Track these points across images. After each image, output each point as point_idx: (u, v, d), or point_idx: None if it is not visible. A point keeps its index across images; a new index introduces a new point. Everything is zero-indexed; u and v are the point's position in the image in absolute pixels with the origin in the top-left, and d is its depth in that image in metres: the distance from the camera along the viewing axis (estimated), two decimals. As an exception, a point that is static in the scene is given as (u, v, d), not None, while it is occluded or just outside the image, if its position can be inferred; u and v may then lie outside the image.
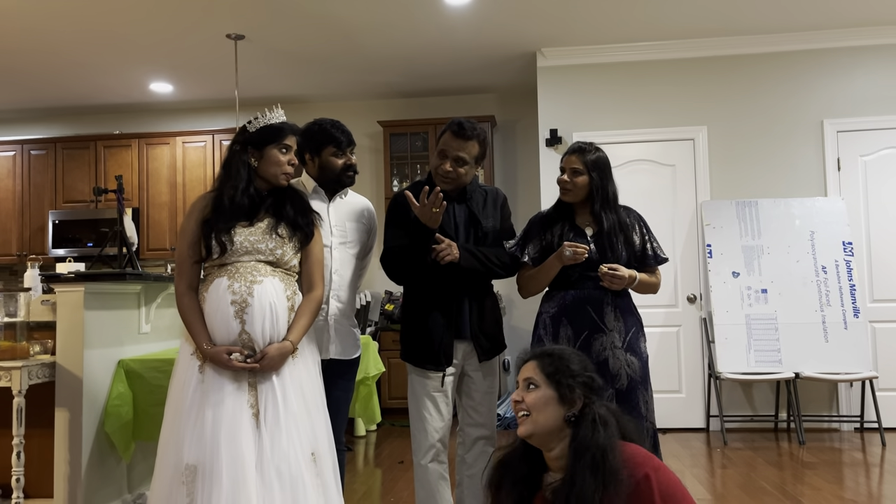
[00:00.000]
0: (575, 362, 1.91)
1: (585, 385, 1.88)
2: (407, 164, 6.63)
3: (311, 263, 2.50)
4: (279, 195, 2.48)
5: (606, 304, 2.69)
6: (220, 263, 2.37)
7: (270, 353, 2.29)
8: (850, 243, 5.31)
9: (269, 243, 2.39)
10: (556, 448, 1.86)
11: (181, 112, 7.17)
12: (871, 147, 5.54)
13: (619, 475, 1.71)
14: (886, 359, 5.39)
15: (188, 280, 2.40)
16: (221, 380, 2.28)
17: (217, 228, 2.35)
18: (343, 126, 2.80)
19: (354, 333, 2.84)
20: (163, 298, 3.81)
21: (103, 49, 5.49)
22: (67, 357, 3.25)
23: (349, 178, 2.79)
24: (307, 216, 2.49)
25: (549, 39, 5.59)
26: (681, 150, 5.73)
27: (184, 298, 2.39)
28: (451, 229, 2.72)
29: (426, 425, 2.71)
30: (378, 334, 6.23)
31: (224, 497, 2.16)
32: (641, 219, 2.86)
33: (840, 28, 5.49)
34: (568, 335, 2.70)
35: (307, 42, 5.46)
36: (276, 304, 2.34)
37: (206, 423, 2.23)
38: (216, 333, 2.32)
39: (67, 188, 6.86)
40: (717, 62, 5.71)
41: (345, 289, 2.76)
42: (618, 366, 2.64)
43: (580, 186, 2.74)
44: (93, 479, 3.29)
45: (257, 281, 2.33)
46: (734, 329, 5.20)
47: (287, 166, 2.44)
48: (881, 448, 4.82)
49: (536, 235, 2.83)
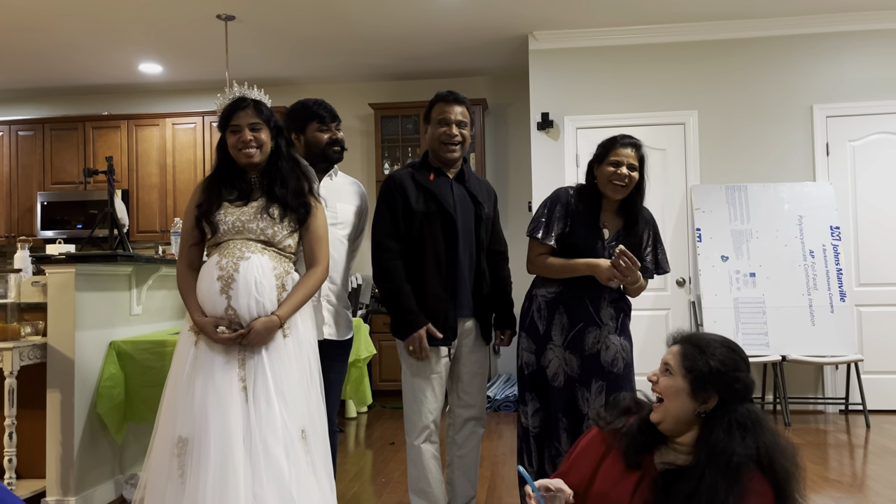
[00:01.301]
0: (719, 358, 1.77)
1: (725, 384, 1.75)
2: (398, 146, 6.62)
3: (312, 240, 2.50)
4: (272, 174, 2.48)
5: (604, 299, 2.69)
6: (215, 243, 2.42)
7: (256, 327, 2.30)
8: (837, 228, 5.36)
9: (260, 223, 2.40)
10: (684, 436, 1.80)
11: (171, 93, 7.11)
12: (859, 132, 5.58)
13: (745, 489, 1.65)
14: (871, 342, 5.46)
15: (188, 260, 2.48)
16: (213, 354, 2.31)
17: (204, 211, 2.42)
18: (326, 103, 2.80)
19: (347, 315, 2.85)
20: (154, 280, 3.80)
21: (92, 29, 5.44)
22: (59, 338, 3.25)
23: (335, 153, 2.78)
24: (301, 196, 2.48)
25: (541, 22, 5.58)
26: (672, 134, 5.75)
27: (181, 277, 2.47)
28: (451, 208, 2.74)
29: (421, 406, 2.73)
30: (369, 317, 6.25)
31: (212, 469, 2.18)
32: (655, 226, 2.80)
33: (830, 13, 5.50)
34: (563, 323, 2.70)
35: (298, 23, 5.42)
36: (262, 282, 2.33)
37: (196, 396, 2.26)
38: (206, 308, 2.36)
39: (56, 169, 6.82)
40: (708, 47, 5.72)
41: (338, 269, 2.77)
42: (614, 351, 2.66)
43: (634, 183, 2.68)
44: (85, 459, 3.31)
45: (245, 257, 2.34)
46: (723, 312, 5.25)
47: (240, 144, 2.42)
48: (865, 430, 4.90)
49: (562, 217, 2.73)
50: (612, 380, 2.64)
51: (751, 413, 1.74)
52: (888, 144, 5.54)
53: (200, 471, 2.19)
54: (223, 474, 2.18)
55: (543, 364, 2.72)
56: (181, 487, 2.21)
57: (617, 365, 2.65)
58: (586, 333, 2.67)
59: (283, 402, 2.30)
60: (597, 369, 2.65)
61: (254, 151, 2.44)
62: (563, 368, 2.69)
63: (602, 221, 2.72)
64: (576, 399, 2.67)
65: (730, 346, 1.81)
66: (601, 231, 2.71)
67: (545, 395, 2.72)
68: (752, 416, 1.74)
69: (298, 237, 2.49)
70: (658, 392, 1.82)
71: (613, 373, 2.64)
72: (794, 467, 1.70)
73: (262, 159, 2.47)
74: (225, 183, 2.46)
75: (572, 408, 2.67)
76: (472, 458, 2.90)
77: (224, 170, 2.49)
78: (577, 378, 2.67)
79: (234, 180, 2.46)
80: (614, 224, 2.73)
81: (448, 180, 2.81)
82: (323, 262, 2.50)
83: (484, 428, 2.94)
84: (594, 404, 2.62)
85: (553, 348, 2.71)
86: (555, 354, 2.70)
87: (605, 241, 2.69)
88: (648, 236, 2.76)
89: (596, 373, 2.66)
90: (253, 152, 2.43)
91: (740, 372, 1.77)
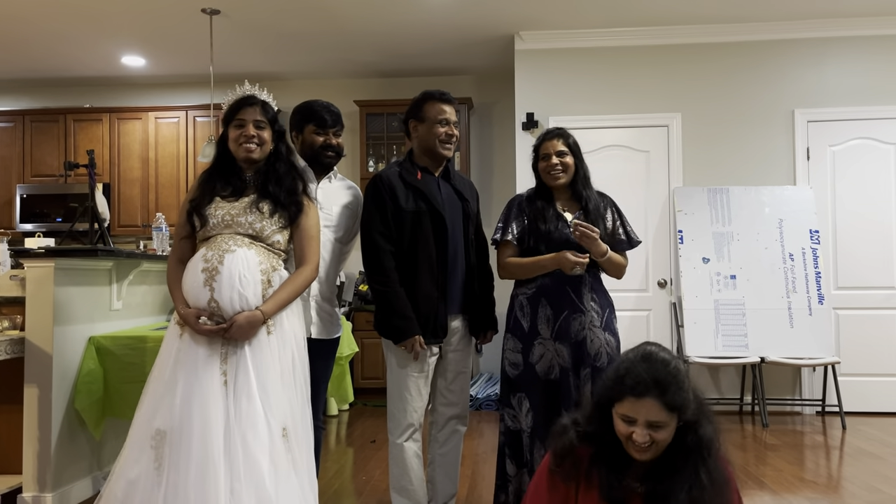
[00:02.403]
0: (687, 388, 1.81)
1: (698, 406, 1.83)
2: (383, 144, 6.61)
3: (302, 238, 2.50)
4: (268, 172, 2.49)
5: (584, 285, 2.75)
6: (203, 236, 2.43)
7: (239, 321, 2.29)
8: (816, 231, 5.42)
9: (249, 217, 2.41)
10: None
11: (154, 87, 7.05)
12: (839, 137, 5.64)
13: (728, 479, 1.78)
14: (848, 345, 5.53)
15: (179, 254, 2.49)
16: (196, 347, 2.30)
17: (195, 205, 2.43)
18: (332, 107, 2.81)
19: (335, 314, 2.86)
20: (135, 275, 3.77)
21: (75, 20, 5.38)
22: (37, 333, 3.22)
23: (327, 157, 2.79)
24: (294, 195, 2.48)
25: (528, 23, 5.59)
26: (655, 136, 5.78)
27: (170, 270, 2.49)
28: (441, 206, 2.75)
29: (406, 405, 2.74)
30: (352, 314, 6.24)
31: (193, 464, 2.17)
32: (614, 203, 2.93)
33: (813, 19, 5.56)
34: (547, 315, 2.74)
35: (284, 18, 5.39)
36: (245, 275, 2.33)
37: (178, 389, 2.26)
38: (189, 300, 2.36)
39: (36, 162, 6.74)
40: (692, 50, 5.76)
41: (325, 270, 2.77)
42: (598, 344, 2.71)
43: (570, 167, 2.82)
44: (62, 455, 3.27)
45: (230, 250, 2.34)
46: (703, 314, 5.30)
47: (242, 138, 2.44)
48: (841, 431, 4.96)
49: (518, 216, 2.88)
50: (595, 371, 2.68)
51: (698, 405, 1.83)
52: (868, 150, 5.61)
53: (180, 464, 2.18)
54: (203, 469, 2.17)
55: (532, 361, 2.74)
56: (157, 479, 2.21)
57: (601, 359, 2.70)
58: (571, 320, 2.72)
59: (264, 399, 2.30)
60: (584, 356, 2.70)
61: (254, 147, 2.46)
62: (556, 361, 2.72)
63: (561, 208, 2.84)
64: (569, 387, 2.70)
65: (675, 364, 1.84)
66: (563, 215, 2.81)
67: (539, 392, 2.73)
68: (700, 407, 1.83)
69: (289, 235, 2.48)
70: (657, 445, 1.79)
71: (596, 366, 2.69)
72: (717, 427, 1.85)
73: (260, 157, 2.48)
74: (220, 178, 2.48)
75: (567, 398, 2.70)
76: (453, 457, 2.91)
77: (221, 165, 2.51)
78: (570, 367, 2.71)
79: (229, 176, 2.48)
80: (573, 208, 2.85)
81: (435, 178, 2.82)
82: (313, 262, 2.50)
83: (466, 426, 2.95)
84: (584, 391, 2.66)
85: (542, 342, 2.74)
86: (545, 348, 2.73)
87: (569, 223, 2.78)
88: (613, 213, 2.89)
89: (583, 360, 2.71)
90: (253, 148, 2.46)
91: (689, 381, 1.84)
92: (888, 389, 5.50)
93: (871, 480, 3.77)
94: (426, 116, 2.79)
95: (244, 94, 2.52)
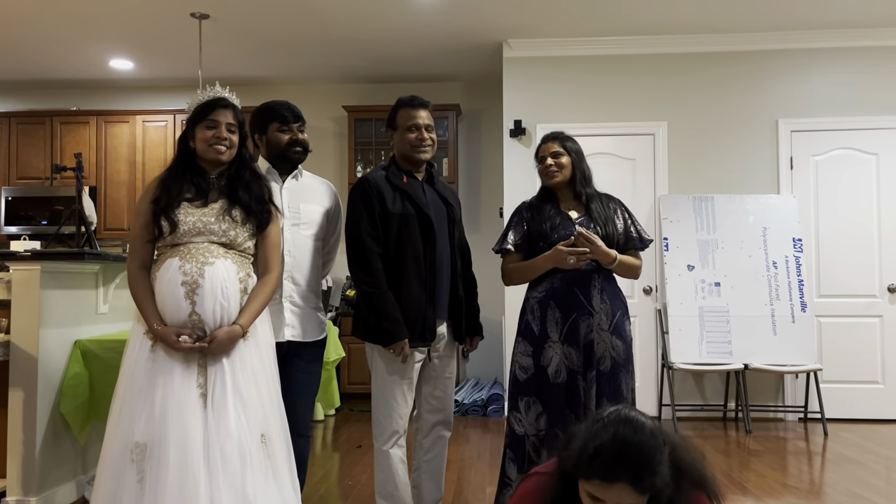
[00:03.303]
0: (661, 463, 1.61)
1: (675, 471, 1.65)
2: (371, 149, 6.62)
3: (266, 247, 2.51)
4: (235, 178, 2.48)
5: (594, 287, 2.75)
6: (172, 244, 2.38)
7: (219, 337, 2.29)
8: (799, 240, 5.48)
9: (222, 224, 2.39)
10: None
11: (142, 90, 7.03)
12: (822, 147, 5.72)
13: None
14: (830, 352, 5.59)
15: (140, 259, 2.42)
16: (172, 360, 2.28)
17: (162, 206, 2.37)
18: (290, 104, 2.80)
19: (317, 316, 2.83)
20: (121, 279, 3.76)
21: (62, 22, 5.36)
22: (22, 336, 3.20)
23: (296, 153, 2.78)
24: (263, 203, 2.49)
25: (516, 30, 5.63)
26: (641, 144, 5.83)
27: (135, 278, 2.40)
28: (427, 208, 2.76)
29: (391, 412, 2.74)
30: (339, 319, 6.24)
31: (171, 475, 2.16)
32: (622, 203, 2.96)
33: (797, 30, 5.63)
34: (556, 318, 2.75)
35: (273, 23, 5.40)
36: (227, 286, 2.34)
37: (156, 402, 2.24)
38: (166, 314, 2.32)
39: (21, 164, 6.70)
40: (678, 59, 5.82)
41: (301, 270, 2.75)
42: (602, 348, 2.72)
43: (567, 167, 2.86)
44: (47, 459, 3.26)
45: (209, 262, 2.33)
46: (688, 321, 5.34)
47: (214, 139, 2.43)
48: (823, 438, 5.01)
49: (519, 223, 2.91)
50: (600, 375, 2.71)
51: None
52: (850, 160, 5.69)
53: (160, 477, 2.17)
54: (183, 481, 2.16)
55: (543, 364, 2.74)
56: (140, 493, 2.19)
57: (604, 363, 2.71)
58: (580, 323, 2.72)
59: (241, 407, 2.29)
60: (591, 359, 2.71)
61: (225, 150, 2.45)
62: (564, 363, 2.72)
63: (566, 209, 2.88)
64: (577, 390, 2.71)
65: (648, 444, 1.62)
66: (568, 215, 2.85)
67: (549, 396, 2.73)
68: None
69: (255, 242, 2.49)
70: None
71: (600, 369, 2.71)
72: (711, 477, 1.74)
73: (228, 160, 2.47)
74: (184, 179, 2.44)
75: (577, 401, 2.70)
76: (438, 462, 2.92)
77: (183, 165, 2.47)
78: (579, 370, 2.71)
79: (193, 177, 2.44)
80: (578, 208, 2.88)
81: (419, 183, 2.84)
82: (276, 269, 2.52)
83: (451, 432, 2.96)
84: (590, 394, 2.69)
85: (552, 345, 2.74)
86: (554, 351, 2.74)
87: (574, 221, 2.82)
88: (623, 213, 2.92)
89: (590, 363, 2.71)
90: (224, 150, 2.45)
91: (663, 457, 1.64)
92: (869, 396, 5.57)
93: (852, 486, 3.81)
94: (398, 124, 2.83)
95: (217, 96, 2.49)
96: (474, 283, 3.00)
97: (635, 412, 1.69)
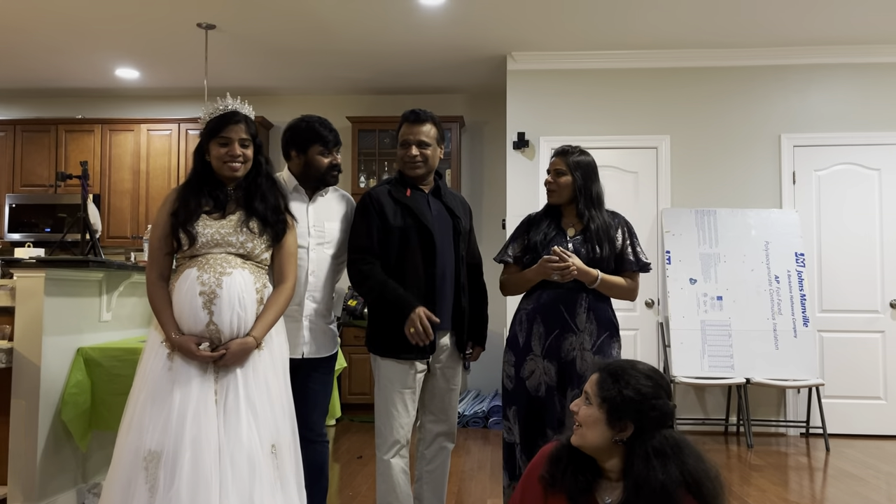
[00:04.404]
0: (634, 387, 1.79)
1: (639, 413, 1.77)
2: (374, 160, 6.65)
3: (282, 256, 2.52)
4: (252, 190, 2.50)
5: (580, 305, 2.73)
6: (190, 255, 2.41)
7: (232, 349, 2.31)
8: (802, 254, 5.49)
9: (240, 236, 2.41)
10: (609, 461, 1.83)
11: (147, 99, 7.07)
12: (825, 162, 5.73)
13: None
14: (832, 367, 5.59)
15: (159, 270, 2.45)
16: (189, 369, 2.30)
17: (181, 220, 2.39)
18: (331, 125, 2.82)
19: (331, 330, 2.86)
20: (125, 287, 3.77)
21: (70, 32, 5.40)
22: (25, 343, 3.21)
23: (333, 177, 2.82)
24: (279, 213, 2.51)
25: (520, 43, 5.67)
26: (644, 157, 5.85)
27: (154, 288, 2.43)
28: (429, 222, 2.77)
29: (393, 421, 2.74)
30: (340, 329, 6.24)
31: (184, 484, 2.17)
32: (626, 223, 2.90)
33: (800, 46, 5.66)
34: (540, 333, 2.74)
35: (279, 34, 5.44)
36: (244, 297, 2.36)
37: (173, 410, 2.24)
38: (184, 323, 2.34)
39: (26, 172, 6.72)
40: (682, 73, 5.85)
41: (320, 289, 2.78)
42: (584, 367, 2.69)
43: (563, 187, 2.83)
44: (48, 467, 3.26)
45: (226, 273, 2.35)
46: (689, 334, 5.34)
47: (228, 157, 2.44)
48: (825, 453, 5.00)
49: (520, 236, 2.92)
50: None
51: (669, 439, 1.76)
52: (852, 175, 5.71)
53: (174, 485, 2.17)
54: (195, 490, 2.17)
55: (522, 376, 2.75)
56: (150, 501, 2.19)
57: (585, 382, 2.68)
58: (563, 340, 2.71)
59: (253, 417, 2.31)
60: (573, 376, 2.69)
61: (239, 166, 2.46)
62: (543, 378, 2.72)
63: (566, 225, 2.85)
64: (555, 408, 2.69)
65: (646, 374, 1.83)
66: (565, 231, 2.83)
67: (525, 407, 2.74)
68: (670, 442, 1.75)
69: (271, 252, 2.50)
70: (578, 421, 1.85)
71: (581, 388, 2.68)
72: (719, 487, 1.75)
73: (243, 175, 2.49)
74: (202, 192, 2.46)
75: (555, 418, 2.69)
76: (440, 474, 2.92)
77: (200, 179, 2.49)
78: (556, 386, 2.70)
79: (211, 191, 2.47)
80: (578, 226, 2.85)
81: (424, 195, 2.85)
82: (291, 279, 2.53)
83: (454, 443, 2.96)
84: (570, 413, 2.65)
85: (533, 358, 2.74)
86: (536, 365, 2.73)
87: (569, 238, 2.80)
88: (623, 233, 2.87)
89: (571, 380, 2.69)
90: (239, 167, 2.46)
91: (656, 400, 1.78)
92: (871, 412, 5.56)
93: (853, 502, 3.80)
94: (398, 139, 2.85)
95: (228, 111, 2.48)
96: (484, 294, 3.00)
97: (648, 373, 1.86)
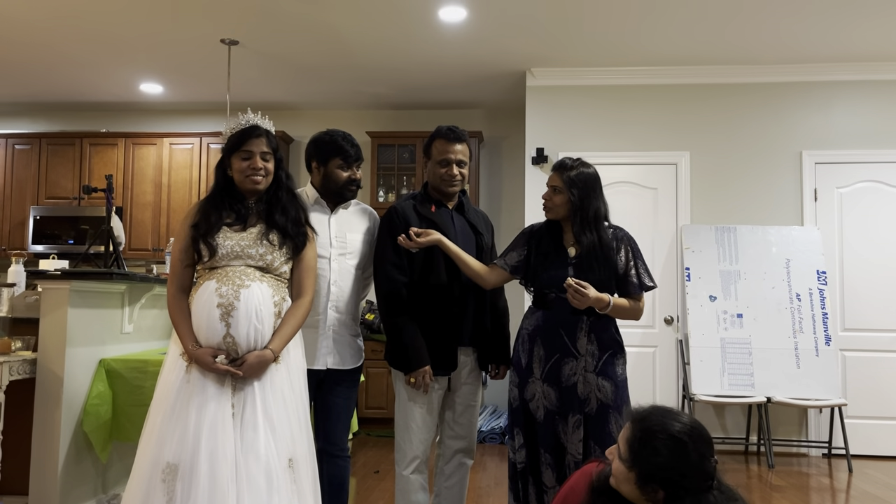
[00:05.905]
0: (664, 455, 1.71)
1: (670, 482, 1.70)
2: (394, 175, 6.68)
3: (301, 270, 2.53)
4: (272, 202, 2.52)
5: (580, 329, 2.64)
6: (210, 267, 2.42)
7: (249, 361, 2.32)
8: (823, 272, 5.43)
9: (260, 249, 2.43)
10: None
11: (169, 113, 7.16)
12: (847, 179, 5.69)
13: None
14: (855, 387, 5.51)
15: (179, 283, 2.47)
16: (206, 381, 2.31)
17: (202, 232, 2.42)
18: (354, 140, 2.84)
19: (357, 343, 2.87)
20: (147, 299, 3.81)
21: (96, 47, 5.49)
22: (49, 354, 3.25)
23: (351, 192, 2.84)
24: (299, 226, 2.52)
25: (539, 60, 5.69)
26: (663, 174, 5.84)
27: (174, 300, 2.45)
28: (454, 238, 2.78)
29: (412, 436, 2.74)
30: (357, 343, 6.24)
31: (202, 496, 2.17)
32: (631, 242, 2.75)
33: (821, 62, 5.64)
34: (540, 356, 2.68)
35: (301, 50, 5.50)
36: (261, 309, 2.37)
37: (190, 423, 2.26)
38: (201, 335, 2.36)
39: (50, 184, 6.82)
40: (701, 90, 5.84)
41: (344, 300, 2.79)
42: (587, 390, 2.62)
43: (558, 205, 2.71)
44: (68, 477, 3.28)
45: (245, 285, 2.36)
46: (709, 352, 5.29)
47: (249, 170, 2.47)
48: (848, 474, 4.92)
49: (519, 247, 2.83)
50: (587, 418, 2.61)
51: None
52: (874, 192, 5.65)
53: (191, 498, 2.18)
54: (212, 502, 2.17)
55: (526, 398, 2.70)
56: None
57: (589, 404, 2.61)
58: (562, 365, 2.64)
59: (270, 431, 2.31)
60: (574, 402, 2.61)
61: (261, 179, 2.49)
62: (542, 402, 2.65)
63: (567, 243, 2.74)
64: (557, 433, 2.63)
65: (679, 439, 1.72)
66: (566, 251, 2.72)
67: (529, 429, 2.70)
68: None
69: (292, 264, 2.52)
70: (612, 473, 1.81)
71: (585, 412, 2.61)
72: None
73: (265, 188, 2.52)
74: (224, 206, 2.49)
75: (555, 442, 2.63)
76: (459, 490, 2.90)
77: (223, 192, 2.52)
78: (557, 411, 2.63)
79: (233, 204, 2.49)
80: (578, 246, 2.73)
81: (449, 212, 2.86)
82: (310, 293, 2.54)
83: (472, 460, 2.95)
84: (572, 439, 2.59)
85: (534, 381, 2.68)
86: (536, 388, 2.67)
87: (570, 258, 2.69)
88: (628, 252, 2.73)
89: (572, 406, 2.61)
90: (260, 180, 2.49)
91: (689, 468, 1.71)
92: (895, 433, 5.47)
93: (877, 525, 3.74)
94: (433, 154, 2.85)
95: (249, 125, 2.51)
96: (505, 311, 2.99)
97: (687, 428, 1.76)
